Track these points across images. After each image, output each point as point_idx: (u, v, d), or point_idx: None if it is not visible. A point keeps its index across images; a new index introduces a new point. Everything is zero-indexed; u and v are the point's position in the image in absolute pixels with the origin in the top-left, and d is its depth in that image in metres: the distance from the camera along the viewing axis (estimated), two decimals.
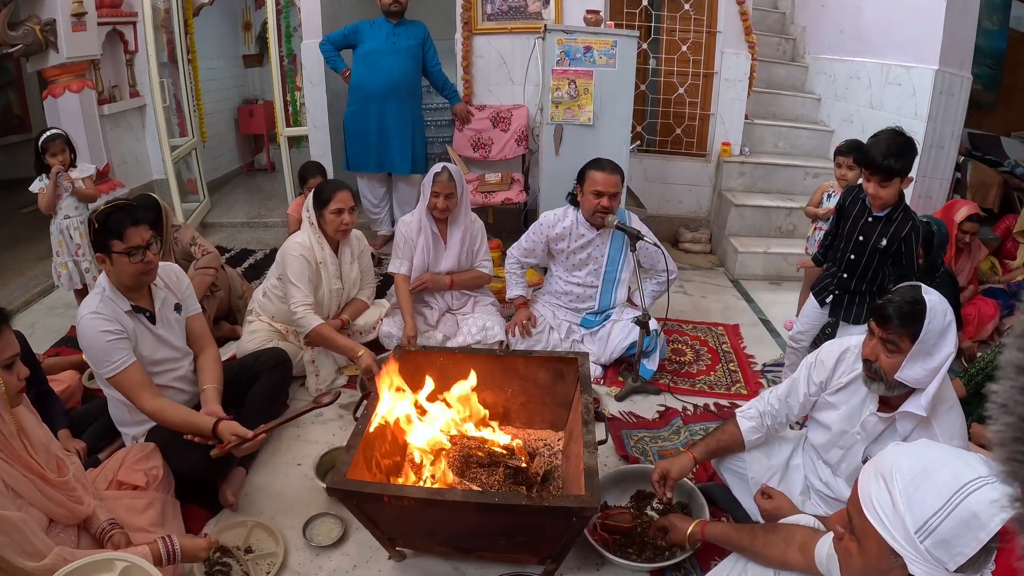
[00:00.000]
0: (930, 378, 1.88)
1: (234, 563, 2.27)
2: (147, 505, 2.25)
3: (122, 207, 2.45)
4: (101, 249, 2.38)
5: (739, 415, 2.37)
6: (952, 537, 1.11)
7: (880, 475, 1.22)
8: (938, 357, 1.87)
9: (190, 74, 6.39)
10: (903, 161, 2.66)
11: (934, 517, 1.13)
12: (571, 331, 3.67)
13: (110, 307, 2.40)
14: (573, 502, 1.80)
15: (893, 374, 1.91)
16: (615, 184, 3.39)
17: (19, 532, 1.67)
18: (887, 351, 1.91)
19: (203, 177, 6.40)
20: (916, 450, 1.27)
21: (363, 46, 4.89)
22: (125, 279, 2.43)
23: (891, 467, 1.21)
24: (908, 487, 1.17)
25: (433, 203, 3.50)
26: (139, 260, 2.39)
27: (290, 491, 2.64)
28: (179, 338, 2.66)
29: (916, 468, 1.19)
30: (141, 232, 2.39)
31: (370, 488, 1.85)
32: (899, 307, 1.88)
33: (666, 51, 5.40)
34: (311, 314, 3.17)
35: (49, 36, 4.70)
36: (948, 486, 1.14)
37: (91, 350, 2.37)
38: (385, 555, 2.30)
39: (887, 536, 1.18)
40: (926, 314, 1.85)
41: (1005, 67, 6.60)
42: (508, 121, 5.36)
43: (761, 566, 1.86)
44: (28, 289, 4.55)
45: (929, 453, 1.23)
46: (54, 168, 3.68)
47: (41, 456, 1.88)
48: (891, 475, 1.20)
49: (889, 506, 1.18)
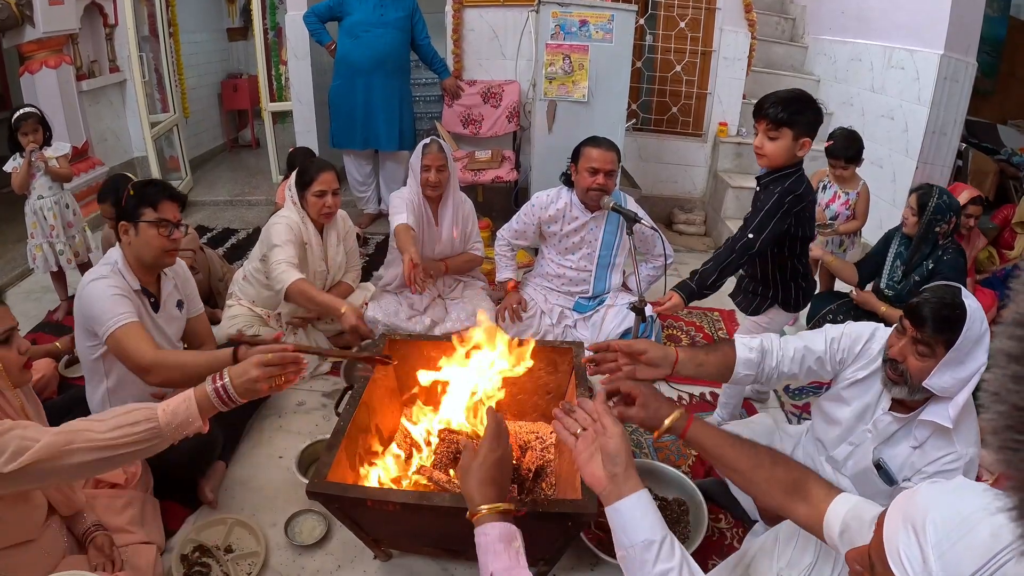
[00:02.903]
0: (958, 388, 1.77)
1: (214, 563, 2.20)
2: (126, 504, 2.17)
3: (158, 182, 2.47)
4: (129, 217, 2.33)
5: (739, 341, 2.05)
6: None
7: (910, 524, 1.08)
8: (971, 367, 1.76)
9: (172, 48, 6.20)
10: (791, 112, 2.36)
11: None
12: (563, 316, 3.57)
13: (118, 280, 2.31)
14: (569, 507, 1.69)
15: (921, 380, 1.79)
16: (611, 161, 3.26)
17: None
18: (918, 354, 1.79)
19: (185, 154, 6.25)
20: (951, 499, 1.10)
21: (349, 18, 4.73)
22: (146, 253, 2.35)
23: (924, 518, 1.07)
24: (942, 543, 1.03)
25: (425, 178, 3.33)
26: (167, 235, 2.35)
27: (271, 486, 2.54)
28: (175, 334, 2.57)
29: (952, 523, 1.05)
30: (174, 208, 2.39)
31: (352, 492, 1.75)
32: (937, 309, 1.74)
33: (663, 27, 5.26)
34: (292, 269, 2.94)
35: (25, 10, 4.56)
36: (987, 546, 0.99)
37: (96, 305, 2.21)
38: (370, 554, 2.21)
39: None
40: (965, 320, 1.73)
41: (1004, 55, 6.54)
42: (499, 97, 5.23)
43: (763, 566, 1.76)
44: (5, 273, 4.40)
45: (966, 504, 1.07)
46: (27, 147, 3.54)
47: None
48: (923, 527, 1.06)
49: (919, 562, 1.04)
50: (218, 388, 1.60)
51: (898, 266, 3.22)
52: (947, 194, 3.09)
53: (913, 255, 3.14)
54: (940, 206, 3.03)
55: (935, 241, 3.08)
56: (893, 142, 4.71)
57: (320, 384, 3.20)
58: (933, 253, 3.10)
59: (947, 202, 3.05)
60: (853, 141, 3.60)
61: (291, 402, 3.06)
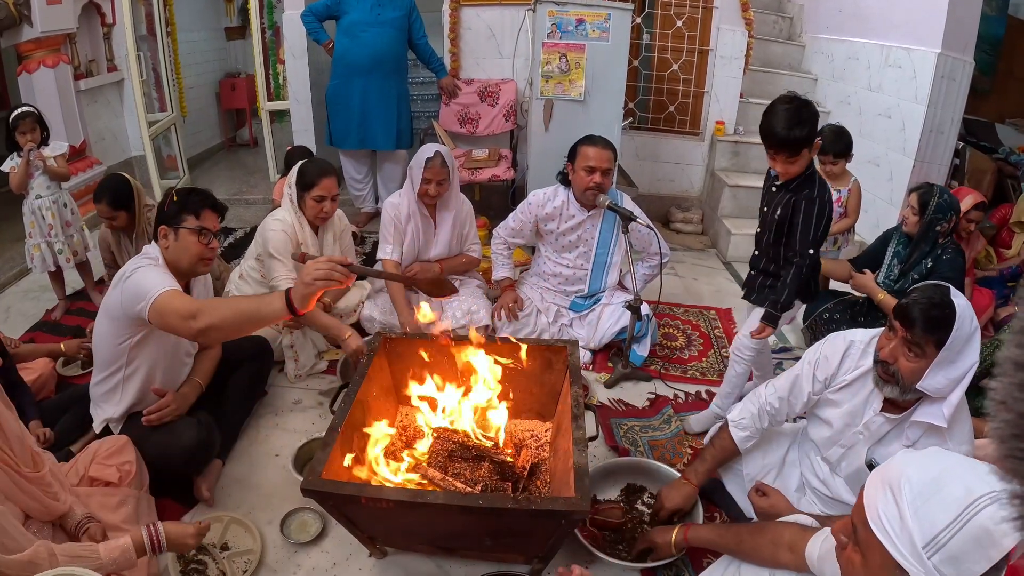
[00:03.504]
0: (951, 388, 1.78)
1: (210, 561, 2.21)
2: (120, 502, 2.17)
3: (202, 191, 2.48)
4: (170, 222, 2.35)
5: (732, 425, 2.26)
6: (962, 553, 1.06)
7: (888, 486, 1.16)
8: (962, 366, 1.77)
9: (169, 47, 6.18)
10: (806, 128, 2.40)
11: (943, 532, 1.07)
12: (559, 315, 3.58)
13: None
14: (562, 505, 1.70)
15: (913, 380, 1.80)
16: (608, 160, 3.27)
17: None
18: (909, 355, 1.80)
19: (183, 153, 6.23)
20: (926, 460, 1.19)
21: (347, 17, 4.72)
22: (183, 259, 2.36)
23: (899, 478, 1.15)
24: (917, 500, 1.11)
25: (424, 190, 3.34)
26: (206, 244, 2.38)
27: (267, 484, 2.55)
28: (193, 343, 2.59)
29: (926, 480, 1.12)
30: (215, 218, 2.44)
31: (347, 489, 1.75)
32: (926, 310, 1.75)
33: (660, 26, 5.25)
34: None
35: (23, 10, 4.55)
36: (959, 500, 1.08)
37: (145, 280, 2.16)
38: (366, 552, 2.21)
39: (893, 550, 1.12)
40: (955, 320, 1.73)
41: (1002, 53, 6.53)
42: (496, 96, 5.23)
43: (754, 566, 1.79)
44: (2, 272, 4.39)
45: (940, 463, 1.16)
46: (25, 147, 3.54)
47: (16, 450, 1.79)
48: (899, 486, 1.13)
49: (896, 519, 1.12)
50: (152, 538, 1.82)
51: (895, 264, 3.22)
52: (947, 193, 3.09)
53: (912, 253, 3.14)
54: (941, 205, 3.03)
55: (935, 240, 3.08)
56: (890, 141, 4.72)
57: (316, 382, 3.20)
58: (932, 252, 3.10)
59: (948, 201, 3.05)
60: (841, 136, 3.61)
61: (287, 400, 3.06)
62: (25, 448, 1.85)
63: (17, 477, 1.76)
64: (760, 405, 2.22)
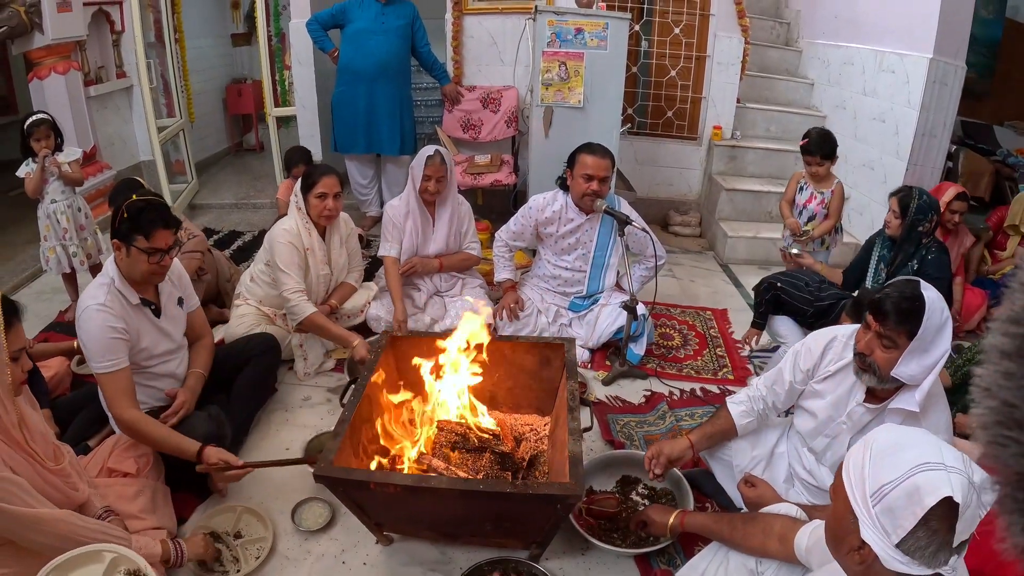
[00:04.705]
0: (925, 375, 1.89)
1: (224, 548, 2.30)
2: (137, 492, 2.27)
3: (156, 205, 2.44)
4: (122, 238, 2.37)
5: (728, 401, 2.38)
6: (896, 507, 1.17)
7: (863, 442, 1.29)
8: (934, 354, 1.88)
9: (177, 54, 6.30)
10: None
11: (887, 485, 1.19)
12: (559, 315, 3.68)
13: (118, 301, 2.39)
14: (557, 490, 1.81)
15: (888, 370, 1.91)
16: (605, 168, 3.38)
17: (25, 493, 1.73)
18: (883, 346, 1.91)
19: (191, 158, 6.34)
20: (903, 430, 1.34)
21: (351, 26, 4.84)
22: (135, 274, 2.42)
23: (874, 437, 1.28)
24: (878, 455, 1.23)
25: (424, 186, 3.49)
26: (156, 262, 2.40)
27: (278, 476, 2.64)
28: (179, 331, 2.68)
29: (891, 442, 1.25)
30: (167, 236, 2.41)
31: (356, 475, 1.86)
32: (897, 303, 1.87)
33: (658, 33, 5.36)
34: (304, 302, 3.17)
35: (34, 18, 4.63)
36: (908, 462, 1.19)
37: (90, 342, 2.32)
38: (373, 539, 2.32)
39: (850, 495, 1.24)
40: (925, 311, 1.84)
41: (999, 56, 6.60)
42: (498, 102, 5.34)
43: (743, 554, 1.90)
44: (16, 274, 4.51)
45: (913, 436, 1.29)
46: (41, 152, 3.63)
47: (39, 444, 1.90)
48: (871, 444, 1.27)
49: (859, 469, 1.25)
50: (178, 553, 2.09)
51: (881, 268, 3.30)
52: (926, 194, 3.17)
53: (897, 256, 3.23)
54: (922, 206, 3.11)
55: (918, 241, 3.16)
56: (884, 144, 4.80)
57: (324, 380, 3.31)
58: (917, 252, 3.17)
59: (928, 202, 3.13)
60: (827, 139, 3.73)
61: (297, 397, 3.17)
62: (47, 442, 1.95)
63: (41, 470, 1.87)
64: (752, 393, 2.34)
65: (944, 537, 1.15)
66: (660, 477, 2.32)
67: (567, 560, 2.28)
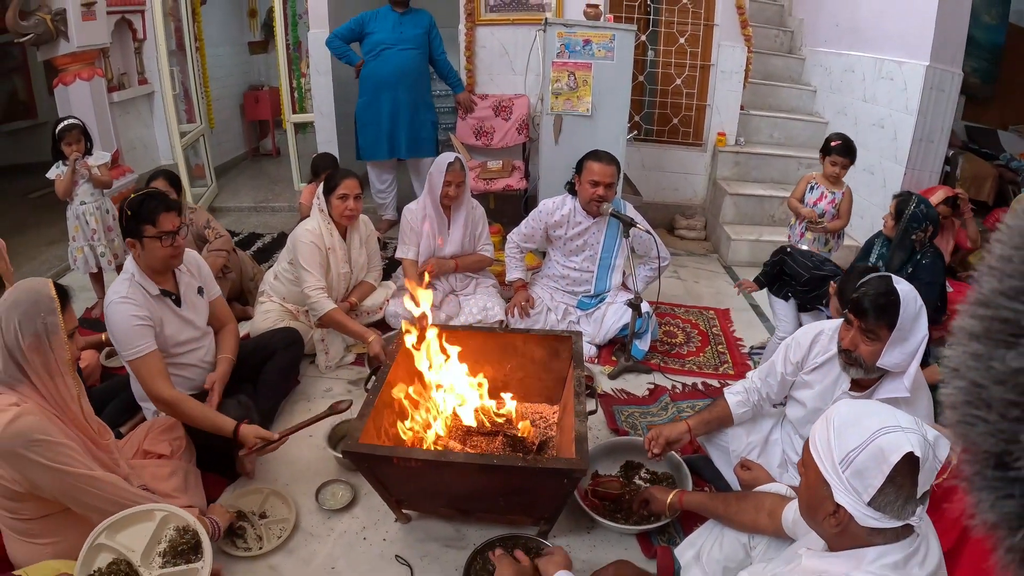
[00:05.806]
0: (908, 361, 2.05)
1: (249, 527, 2.45)
2: (171, 473, 2.41)
3: (153, 195, 2.60)
4: (133, 235, 2.53)
5: (726, 392, 2.55)
6: (864, 469, 1.32)
7: (826, 418, 1.44)
8: (914, 341, 2.04)
9: (198, 61, 6.50)
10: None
11: (853, 451, 1.33)
12: (567, 313, 3.84)
13: (139, 292, 2.55)
14: (564, 464, 1.98)
15: (874, 361, 2.07)
16: (611, 175, 3.55)
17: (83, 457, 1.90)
18: (866, 340, 2.06)
19: (210, 162, 6.53)
20: (859, 403, 1.49)
21: (370, 37, 5.01)
22: (155, 263, 2.58)
23: (835, 412, 1.44)
24: (841, 427, 1.39)
25: (445, 191, 3.66)
26: (169, 244, 2.55)
27: (302, 460, 2.82)
28: (202, 319, 2.83)
29: (852, 414, 1.41)
30: (172, 218, 2.56)
31: (381, 451, 2.03)
32: (874, 300, 2.03)
33: (664, 43, 5.52)
34: (325, 299, 3.34)
35: (59, 25, 4.78)
36: (869, 429, 1.34)
37: (117, 333, 2.50)
38: (392, 518, 2.48)
39: (820, 466, 1.38)
40: (900, 303, 2.00)
41: (1003, 61, 6.66)
42: (510, 110, 5.49)
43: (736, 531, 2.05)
44: (41, 273, 4.62)
45: (869, 406, 1.45)
46: (72, 156, 3.78)
47: (93, 424, 2.07)
48: (832, 418, 1.42)
49: (825, 441, 1.40)
50: (215, 528, 2.24)
51: (880, 268, 3.43)
52: (925, 203, 3.26)
53: (892, 258, 3.34)
54: (916, 215, 3.20)
55: (912, 248, 3.26)
56: (883, 149, 4.92)
57: (345, 373, 3.49)
58: (911, 259, 3.27)
59: (924, 211, 3.22)
60: (852, 143, 3.87)
61: (319, 389, 3.34)
62: (95, 420, 2.13)
63: (92, 446, 2.04)
64: (748, 385, 2.52)
65: (909, 491, 1.30)
66: (658, 456, 2.48)
67: (573, 537, 2.44)
